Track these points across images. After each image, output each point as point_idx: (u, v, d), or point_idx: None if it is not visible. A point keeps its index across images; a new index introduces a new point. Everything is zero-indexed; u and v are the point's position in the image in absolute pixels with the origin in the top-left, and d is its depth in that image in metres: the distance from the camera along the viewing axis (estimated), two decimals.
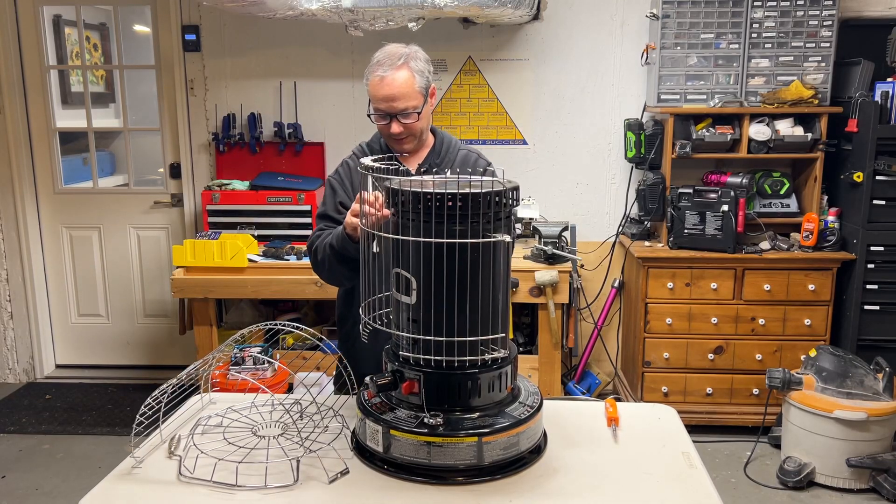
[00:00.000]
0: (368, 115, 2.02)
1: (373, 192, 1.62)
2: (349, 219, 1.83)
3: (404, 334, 1.52)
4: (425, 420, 1.45)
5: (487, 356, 1.49)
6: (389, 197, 1.50)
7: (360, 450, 1.55)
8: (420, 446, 1.44)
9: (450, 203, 1.41)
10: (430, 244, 1.43)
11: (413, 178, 1.61)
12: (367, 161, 1.60)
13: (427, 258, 1.45)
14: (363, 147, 2.16)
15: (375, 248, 1.59)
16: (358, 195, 1.67)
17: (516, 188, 1.50)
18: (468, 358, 1.47)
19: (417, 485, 1.46)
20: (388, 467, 1.49)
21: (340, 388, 2.02)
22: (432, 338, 1.47)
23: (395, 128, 1.97)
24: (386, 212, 1.56)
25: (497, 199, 1.45)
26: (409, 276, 1.47)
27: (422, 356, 1.48)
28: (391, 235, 1.52)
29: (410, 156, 2.09)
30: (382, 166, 1.58)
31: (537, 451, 1.56)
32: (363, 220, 1.61)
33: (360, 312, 1.64)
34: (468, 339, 1.47)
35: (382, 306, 1.64)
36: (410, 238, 1.47)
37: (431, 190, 1.43)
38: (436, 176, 1.66)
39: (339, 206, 2.08)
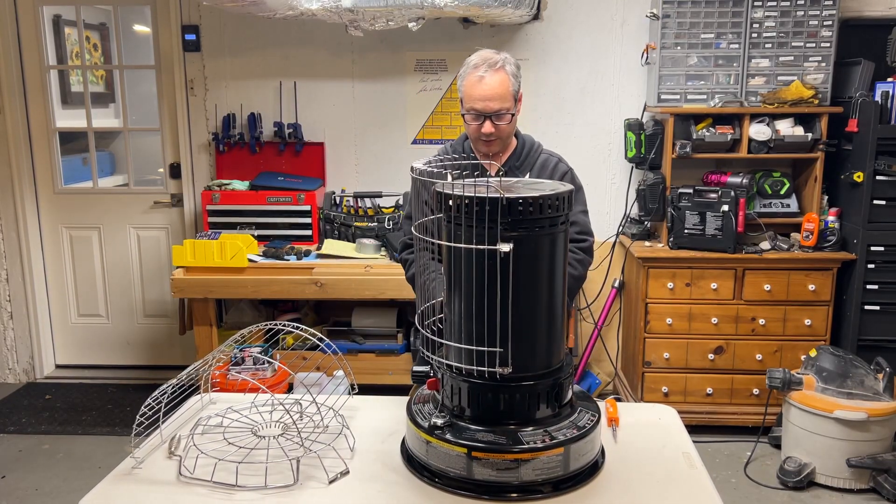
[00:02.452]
0: (462, 115, 2.06)
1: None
2: None
3: (460, 345, 1.50)
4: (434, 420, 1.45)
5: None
6: (439, 202, 1.47)
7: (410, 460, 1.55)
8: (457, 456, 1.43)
9: (477, 208, 1.38)
10: (479, 250, 1.39)
11: (469, 181, 1.53)
12: (419, 165, 1.58)
13: (478, 265, 1.41)
14: (447, 147, 2.21)
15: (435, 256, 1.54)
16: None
17: (568, 193, 1.45)
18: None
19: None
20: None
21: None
22: (482, 348, 1.46)
23: (488, 127, 2.02)
24: None
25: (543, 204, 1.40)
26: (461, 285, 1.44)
27: (470, 366, 1.45)
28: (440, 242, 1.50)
29: (493, 159, 2.13)
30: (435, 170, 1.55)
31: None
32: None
33: (416, 322, 1.63)
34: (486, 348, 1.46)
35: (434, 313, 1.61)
36: (445, 242, 1.45)
37: (480, 194, 1.39)
38: (502, 179, 1.62)
39: (424, 205, 2.08)
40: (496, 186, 1.37)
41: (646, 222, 3.84)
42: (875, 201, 3.48)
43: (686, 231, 3.63)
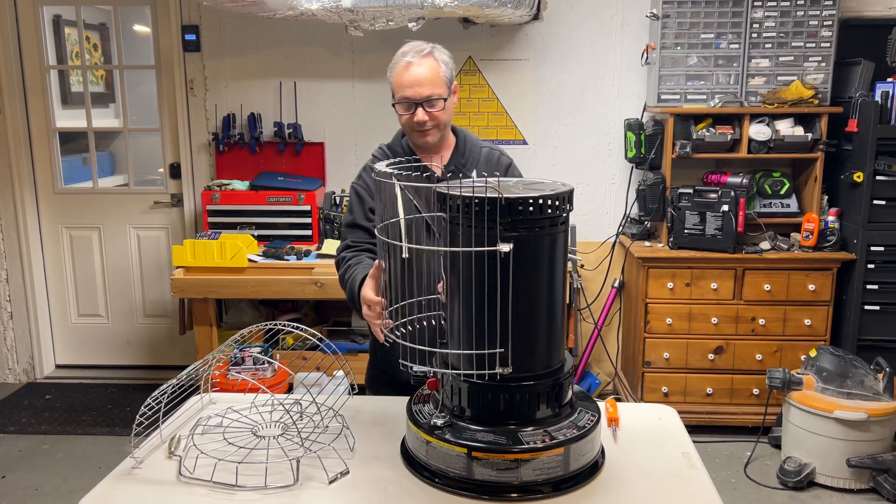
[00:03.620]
0: (393, 105, 1.99)
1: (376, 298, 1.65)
2: (364, 307, 1.76)
3: (461, 352, 1.51)
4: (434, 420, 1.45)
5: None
6: (440, 201, 1.45)
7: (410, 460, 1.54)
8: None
9: (488, 208, 1.36)
10: (482, 252, 1.39)
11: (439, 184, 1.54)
12: (382, 167, 1.56)
13: (478, 266, 1.40)
14: (384, 149, 2.13)
15: (405, 254, 1.57)
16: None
17: (569, 192, 1.45)
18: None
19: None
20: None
21: (380, 384, 2.11)
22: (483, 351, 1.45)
23: (421, 115, 1.94)
24: (387, 322, 1.58)
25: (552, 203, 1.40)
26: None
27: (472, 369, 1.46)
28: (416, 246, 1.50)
29: (433, 156, 2.06)
30: (403, 173, 1.55)
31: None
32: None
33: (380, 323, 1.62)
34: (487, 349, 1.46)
35: (406, 314, 1.61)
36: (424, 248, 1.45)
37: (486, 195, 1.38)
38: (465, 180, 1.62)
39: (369, 212, 2.05)
40: (493, 186, 1.37)
41: (646, 222, 3.84)
42: (875, 201, 3.48)
43: (686, 231, 3.63)
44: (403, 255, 1.62)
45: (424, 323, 1.64)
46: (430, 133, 1.99)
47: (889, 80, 3.49)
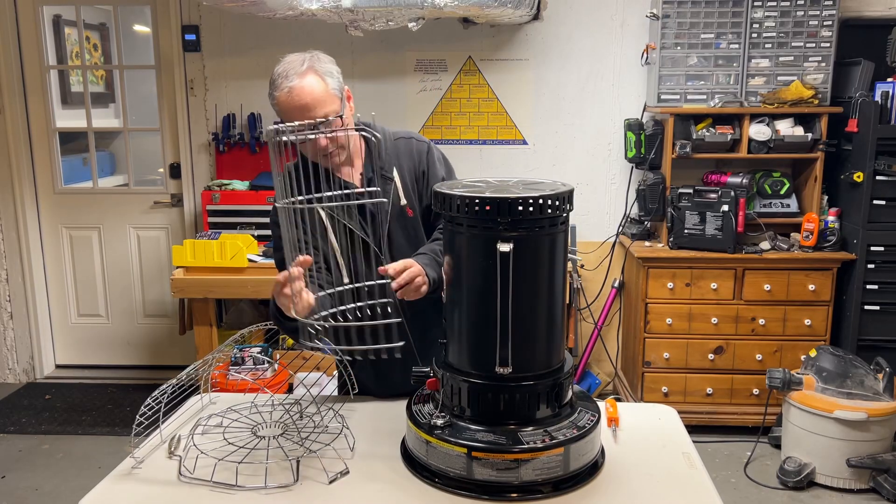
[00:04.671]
0: (283, 142, 1.59)
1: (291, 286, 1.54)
2: (280, 298, 1.64)
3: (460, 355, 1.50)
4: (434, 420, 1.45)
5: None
6: (439, 202, 1.44)
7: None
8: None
9: (488, 208, 1.36)
10: (488, 249, 1.38)
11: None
12: (273, 128, 1.43)
13: (482, 265, 1.40)
14: (291, 168, 1.74)
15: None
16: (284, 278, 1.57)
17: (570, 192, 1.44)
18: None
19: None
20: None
21: (341, 387, 2.01)
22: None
23: (322, 142, 1.71)
24: (306, 300, 1.51)
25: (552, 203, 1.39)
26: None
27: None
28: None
29: (346, 169, 1.87)
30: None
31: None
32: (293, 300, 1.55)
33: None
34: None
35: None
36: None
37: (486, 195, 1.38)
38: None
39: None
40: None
41: (646, 222, 3.84)
42: (875, 201, 3.48)
43: (686, 231, 3.63)
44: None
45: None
46: (335, 154, 1.79)
47: (889, 80, 3.49)
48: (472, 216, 1.39)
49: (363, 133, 1.86)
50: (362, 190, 1.80)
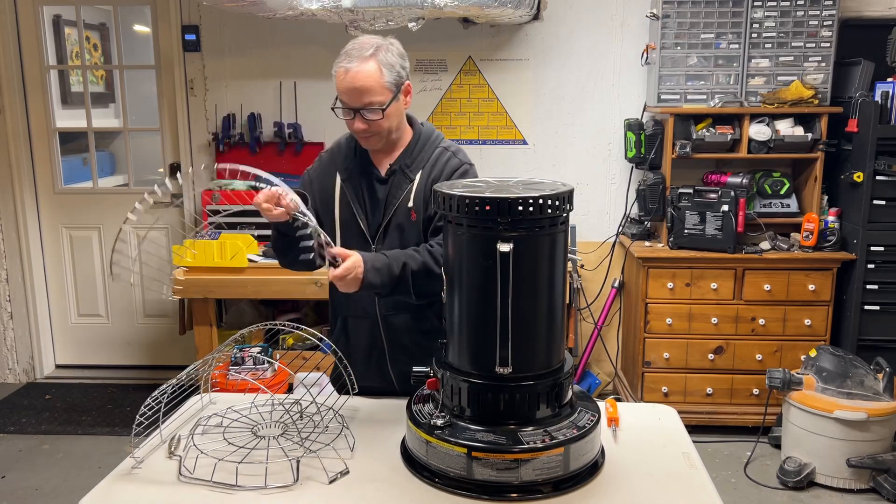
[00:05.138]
0: (333, 109, 1.88)
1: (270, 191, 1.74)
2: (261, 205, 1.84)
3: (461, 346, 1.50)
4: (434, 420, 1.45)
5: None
6: (439, 202, 1.45)
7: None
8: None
9: (487, 208, 1.37)
10: (488, 249, 1.39)
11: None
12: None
13: (480, 264, 1.41)
14: (340, 142, 2.05)
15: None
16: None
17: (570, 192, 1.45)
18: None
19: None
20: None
21: (340, 388, 2.02)
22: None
23: (358, 124, 1.84)
24: (284, 204, 1.71)
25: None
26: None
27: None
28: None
29: (382, 155, 1.97)
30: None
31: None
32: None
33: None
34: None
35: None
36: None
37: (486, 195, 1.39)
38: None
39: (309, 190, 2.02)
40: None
41: (646, 222, 3.84)
42: (875, 201, 3.48)
43: (686, 231, 3.63)
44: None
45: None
46: (371, 140, 1.89)
47: (889, 80, 3.49)
48: (472, 216, 1.39)
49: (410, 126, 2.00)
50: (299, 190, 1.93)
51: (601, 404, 1.81)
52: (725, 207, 3.53)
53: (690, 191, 3.63)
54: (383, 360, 1.99)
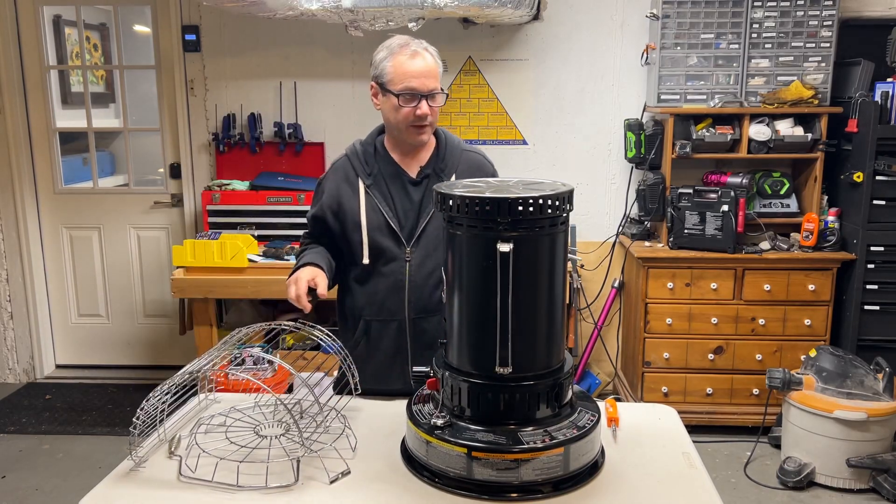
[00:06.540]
0: (397, 95, 1.86)
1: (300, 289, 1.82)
2: (290, 283, 1.89)
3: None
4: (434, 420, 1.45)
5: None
6: (439, 202, 1.45)
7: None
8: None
9: (488, 208, 1.37)
10: (488, 249, 1.39)
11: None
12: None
13: (480, 265, 1.41)
14: (355, 147, 2.04)
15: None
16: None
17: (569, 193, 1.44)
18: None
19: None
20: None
21: (341, 389, 2.02)
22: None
23: (425, 108, 1.87)
24: (306, 305, 1.80)
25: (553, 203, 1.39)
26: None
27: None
28: None
29: (409, 158, 1.99)
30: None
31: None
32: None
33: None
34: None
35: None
36: None
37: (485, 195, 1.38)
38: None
39: (328, 208, 2.02)
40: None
41: (646, 222, 3.84)
42: (875, 201, 3.48)
43: (686, 231, 3.63)
44: (364, 261, 1.82)
45: None
46: (426, 130, 1.92)
47: (889, 80, 3.49)
48: (472, 216, 1.39)
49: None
50: None
51: (601, 404, 1.81)
52: (725, 207, 3.53)
53: (690, 191, 3.63)
54: (406, 363, 1.99)
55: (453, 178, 1.97)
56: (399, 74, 1.86)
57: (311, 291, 1.85)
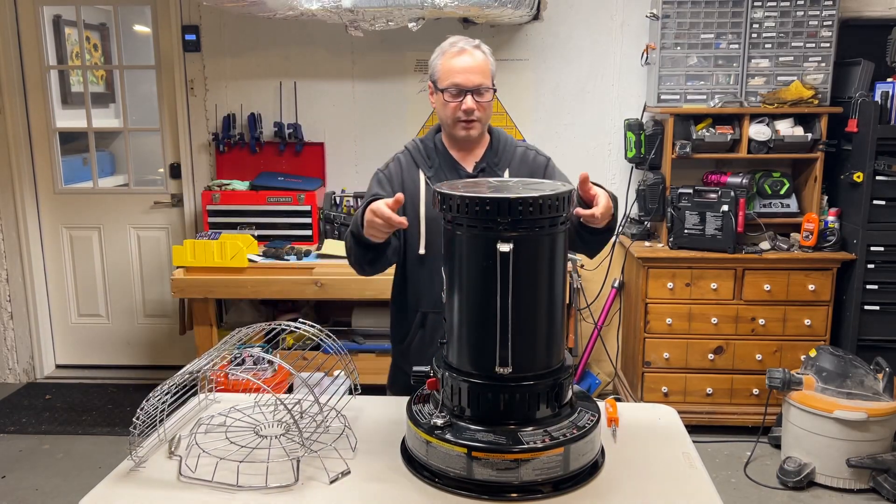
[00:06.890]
0: (441, 91, 1.96)
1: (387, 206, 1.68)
2: (369, 216, 1.74)
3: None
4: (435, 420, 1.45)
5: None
6: (439, 202, 1.46)
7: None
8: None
9: (488, 208, 1.37)
10: (488, 249, 1.39)
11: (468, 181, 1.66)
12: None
13: (480, 264, 1.41)
14: (416, 143, 2.10)
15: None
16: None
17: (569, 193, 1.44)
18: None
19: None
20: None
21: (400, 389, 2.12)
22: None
23: (470, 103, 1.93)
24: (400, 219, 1.65)
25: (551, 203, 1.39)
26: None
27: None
28: None
29: (466, 153, 2.06)
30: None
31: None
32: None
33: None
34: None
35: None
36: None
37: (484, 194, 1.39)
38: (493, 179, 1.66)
39: (385, 188, 2.06)
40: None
41: (646, 222, 3.84)
42: (875, 201, 3.49)
43: (686, 231, 3.63)
44: (420, 251, 1.80)
45: None
46: (474, 125, 1.98)
47: (889, 80, 3.49)
48: (472, 216, 1.39)
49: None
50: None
51: (601, 404, 1.81)
52: (725, 207, 3.53)
53: (690, 191, 3.63)
54: None
55: (507, 173, 2.05)
56: (445, 71, 1.96)
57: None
